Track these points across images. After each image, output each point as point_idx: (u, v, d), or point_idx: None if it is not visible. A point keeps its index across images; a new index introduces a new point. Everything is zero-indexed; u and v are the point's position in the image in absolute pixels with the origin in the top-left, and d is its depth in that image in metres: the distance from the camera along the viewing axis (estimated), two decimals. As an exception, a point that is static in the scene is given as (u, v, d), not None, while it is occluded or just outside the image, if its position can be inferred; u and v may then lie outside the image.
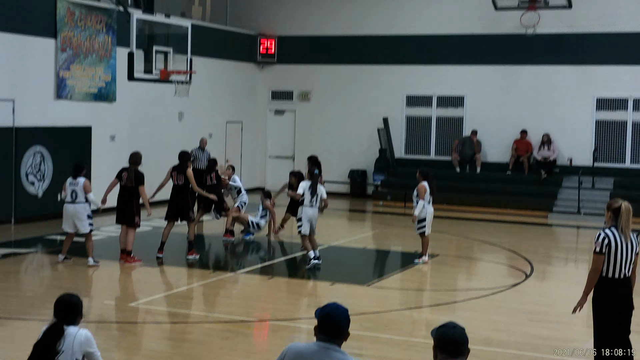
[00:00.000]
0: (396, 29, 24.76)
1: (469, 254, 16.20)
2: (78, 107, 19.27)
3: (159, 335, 9.79)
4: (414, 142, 24.88)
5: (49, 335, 5.32)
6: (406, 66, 24.72)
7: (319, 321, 4.54)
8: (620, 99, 22.63)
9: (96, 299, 11.61)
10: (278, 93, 26.44)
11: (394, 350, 9.43)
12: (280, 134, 26.45)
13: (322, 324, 4.51)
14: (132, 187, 13.36)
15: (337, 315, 4.50)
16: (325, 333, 4.47)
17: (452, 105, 24.41)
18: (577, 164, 22.81)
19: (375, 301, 11.64)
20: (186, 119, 23.06)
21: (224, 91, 24.79)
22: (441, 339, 4.29)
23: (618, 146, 22.75)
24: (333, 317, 4.48)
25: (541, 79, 23.32)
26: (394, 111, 24.76)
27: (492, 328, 10.35)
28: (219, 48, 24.34)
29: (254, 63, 26.19)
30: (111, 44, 19.85)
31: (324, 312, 4.53)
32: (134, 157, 13.63)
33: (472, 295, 12.19)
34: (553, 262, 15.70)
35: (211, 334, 9.83)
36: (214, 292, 12.28)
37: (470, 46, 23.99)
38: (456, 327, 4.33)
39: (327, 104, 25.71)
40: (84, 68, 19.19)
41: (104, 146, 20.06)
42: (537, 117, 23.28)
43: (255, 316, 10.81)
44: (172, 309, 10.93)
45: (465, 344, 4.29)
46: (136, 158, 13.64)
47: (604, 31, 22.69)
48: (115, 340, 9.63)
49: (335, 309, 4.53)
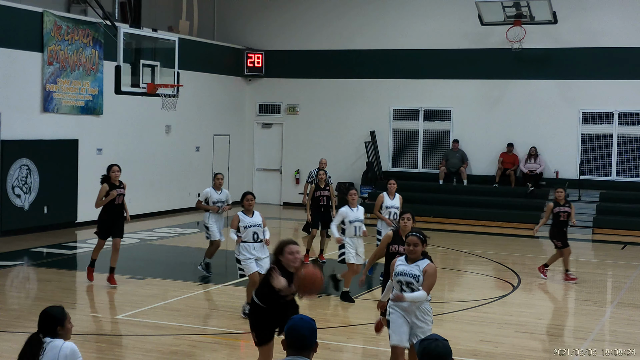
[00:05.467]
0: (383, 44, 24.88)
1: (456, 266, 16.23)
2: (65, 120, 19.25)
3: (146, 347, 9.75)
4: (401, 155, 24.96)
5: (27, 345, 5.42)
6: (393, 80, 24.83)
7: (286, 335, 4.49)
8: (605, 113, 22.80)
9: (82, 311, 11.56)
10: (265, 106, 26.48)
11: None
12: (268, 147, 26.49)
13: (289, 337, 4.45)
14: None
15: (301, 327, 4.44)
16: (292, 347, 4.42)
17: (438, 118, 24.51)
18: (563, 177, 22.93)
19: (364, 313, 11.63)
20: (173, 132, 23.07)
21: (211, 105, 24.82)
22: (424, 352, 4.31)
23: (604, 159, 22.91)
24: (297, 330, 4.42)
25: (527, 93, 23.47)
26: (381, 124, 24.85)
27: (480, 340, 10.36)
28: (206, 62, 24.38)
29: (241, 77, 26.24)
30: (98, 58, 19.87)
31: (288, 326, 4.47)
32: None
33: (459, 307, 12.20)
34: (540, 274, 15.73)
35: (199, 346, 9.80)
36: (203, 304, 12.25)
37: (456, 60, 24.13)
38: (438, 339, 4.35)
39: (315, 117, 25.78)
40: (70, 81, 19.19)
41: (91, 159, 20.03)
42: (523, 131, 23.41)
43: (243, 328, 10.78)
44: (159, 322, 10.90)
45: (448, 356, 4.30)
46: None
47: (589, 46, 22.89)
48: (101, 353, 9.58)
49: (299, 321, 4.48)
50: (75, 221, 19.68)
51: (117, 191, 12.91)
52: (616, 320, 11.98)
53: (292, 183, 26.12)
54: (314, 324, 4.49)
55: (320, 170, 16.31)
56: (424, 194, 23.66)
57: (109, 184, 12.91)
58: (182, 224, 21.14)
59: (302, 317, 4.52)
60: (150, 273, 14.40)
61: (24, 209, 18.23)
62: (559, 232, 14.57)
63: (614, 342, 10.65)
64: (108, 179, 12.98)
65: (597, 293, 13.99)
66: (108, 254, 13.48)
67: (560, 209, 14.59)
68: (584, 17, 22.94)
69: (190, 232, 20.06)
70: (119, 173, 13.01)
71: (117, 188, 12.96)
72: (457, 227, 21.37)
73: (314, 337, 4.43)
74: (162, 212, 22.64)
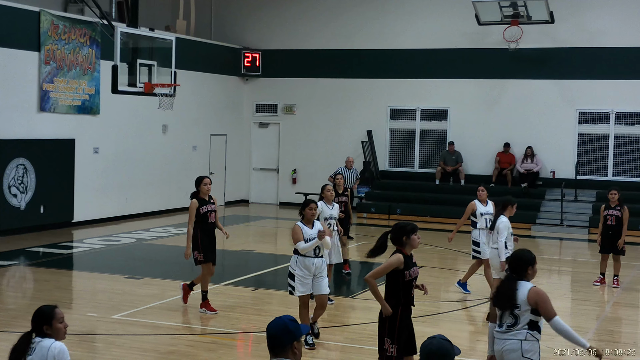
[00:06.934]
0: (381, 43, 24.89)
1: (453, 266, 16.24)
2: (62, 120, 19.23)
3: (143, 347, 9.74)
4: (397, 154, 24.97)
5: (18, 343, 5.47)
6: (390, 80, 24.84)
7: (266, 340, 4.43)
8: (602, 112, 22.82)
9: (79, 311, 11.55)
10: (262, 106, 26.48)
11: None
12: (265, 147, 26.48)
13: (267, 341, 4.39)
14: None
15: (270, 328, 4.35)
16: (271, 349, 4.35)
17: (435, 118, 24.53)
18: (560, 177, 22.96)
19: (360, 313, 11.64)
20: (170, 131, 23.05)
21: (208, 104, 24.81)
22: (421, 352, 4.37)
23: (600, 159, 22.93)
24: (268, 331, 4.36)
25: (524, 92, 23.49)
26: (378, 124, 24.86)
27: (476, 339, 10.38)
28: (204, 61, 24.37)
29: (238, 76, 26.23)
30: (95, 57, 19.85)
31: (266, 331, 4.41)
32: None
33: (456, 307, 12.21)
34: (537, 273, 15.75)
35: (196, 346, 9.80)
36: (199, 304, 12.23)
37: (453, 60, 24.14)
38: (435, 338, 4.37)
39: (312, 116, 25.78)
40: (67, 81, 19.17)
41: (88, 158, 20.02)
42: (520, 131, 23.43)
43: (240, 328, 10.79)
44: (156, 321, 10.89)
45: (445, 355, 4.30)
46: None
47: (586, 46, 22.91)
48: (98, 352, 9.58)
49: (272, 322, 4.38)
50: (71, 221, 19.66)
51: (208, 207, 11.34)
52: (613, 320, 11.99)
53: (289, 183, 26.12)
54: (288, 321, 4.35)
55: (339, 174, 14.54)
56: (420, 194, 23.68)
57: (198, 199, 11.29)
58: (179, 224, 21.12)
59: (277, 318, 4.41)
60: (147, 273, 14.40)
61: (21, 209, 18.21)
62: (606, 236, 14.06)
63: (610, 342, 10.65)
64: (197, 193, 11.35)
65: (594, 292, 14.01)
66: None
67: (609, 212, 14.27)
68: (581, 17, 22.96)
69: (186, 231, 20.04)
70: (210, 186, 11.40)
71: (207, 204, 11.36)
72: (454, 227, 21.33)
73: (286, 335, 4.30)
74: (159, 211, 22.63)
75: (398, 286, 7.24)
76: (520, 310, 6.35)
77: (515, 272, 6.50)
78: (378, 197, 23.97)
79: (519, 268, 6.51)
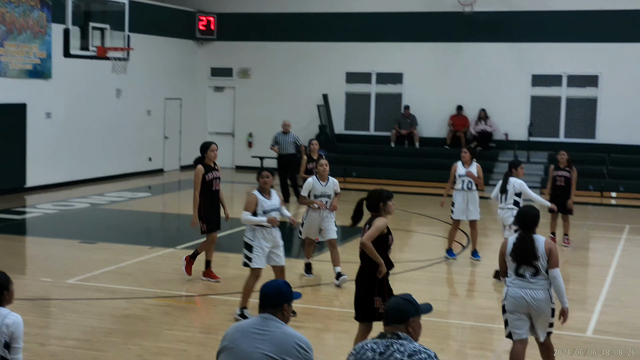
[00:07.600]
0: (336, 7, 24.81)
1: (407, 227, 16.43)
2: (12, 84, 18.92)
3: (98, 311, 9.74)
4: (353, 118, 25.04)
5: None
6: (346, 43, 24.82)
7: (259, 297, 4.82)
8: (554, 76, 23.10)
9: (33, 276, 11.50)
10: (218, 70, 26.30)
11: (333, 322, 9.58)
12: (220, 111, 26.36)
13: (260, 299, 4.79)
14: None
15: (265, 287, 4.78)
16: (262, 306, 4.73)
17: (390, 81, 24.61)
18: (512, 139, 23.26)
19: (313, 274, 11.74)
20: (124, 96, 22.82)
21: (162, 68, 24.57)
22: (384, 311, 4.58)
23: (552, 121, 23.26)
24: (262, 290, 4.78)
25: (478, 56, 23.65)
26: (334, 88, 24.86)
27: (430, 299, 10.54)
28: (157, 25, 24.09)
29: (193, 40, 25.99)
30: (46, 21, 19.51)
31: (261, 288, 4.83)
32: None
33: (410, 267, 12.38)
34: (488, 233, 16.01)
35: (151, 310, 9.83)
36: (155, 268, 12.25)
37: (408, 24, 24.17)
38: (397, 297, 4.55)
39: (267, 81, 25.68)
40: (18, 45, 18.84)
41: (40, 124, 19.77)
42: (474, 94, 23.63)
43: (195, 291, 10.83)
44: (110, 285, 10.88)
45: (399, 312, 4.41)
46: None
47: (540, 9, 23.10)
48: (53, 317, 9.57)
49: (266, 283, 4.82)
50: (24, 186, 19.45)
51: (214, 174, 11.01)
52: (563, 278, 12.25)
53: (245, 146, 26.07)
54: (282, 285, 4.77)
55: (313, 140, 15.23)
56: (376, 157, 23.83)
57: (204, 165, 10.91)
58: (133, 188, 21.03)
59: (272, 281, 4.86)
60: (101, 237, 14.35)
61: (-28, 175, 17.96)
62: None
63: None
64: (202, 159, 10.96)
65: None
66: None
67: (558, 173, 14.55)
68: (534, -20, 23.11)
69: (141, 196, 19.98)
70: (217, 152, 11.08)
71: (213, 170, 11.01)
72: (409, 189, 21.56)
73: (278, 297, 4.69)
74: (113, 176, 22.47)
75: (382, 249, 7.87)
76: (539, 261, 7.01)
77: (528, 228, 7.09)
78: (334, 160, 23.92)
79: (531, 223, 7.13)
